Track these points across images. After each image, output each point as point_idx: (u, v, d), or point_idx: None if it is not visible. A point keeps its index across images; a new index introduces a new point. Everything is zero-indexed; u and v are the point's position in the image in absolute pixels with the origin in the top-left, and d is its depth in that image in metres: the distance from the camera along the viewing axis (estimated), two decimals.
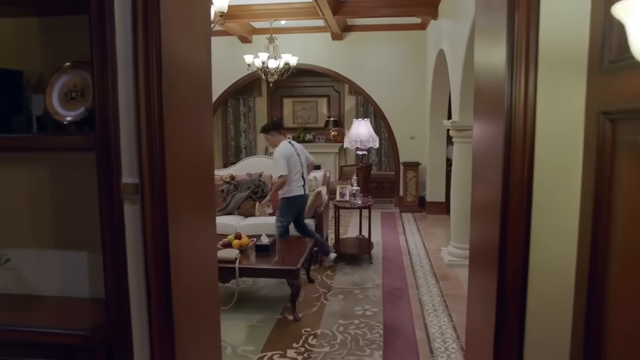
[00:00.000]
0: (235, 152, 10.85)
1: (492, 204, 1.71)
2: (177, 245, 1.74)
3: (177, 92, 1.72)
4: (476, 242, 2.11)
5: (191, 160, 1.87)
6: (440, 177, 7.98)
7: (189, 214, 1.86)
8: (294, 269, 3.67)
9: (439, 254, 5.58)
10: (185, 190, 1.83)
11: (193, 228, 1.90)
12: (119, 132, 1.62)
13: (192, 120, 1.89)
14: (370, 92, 8.56)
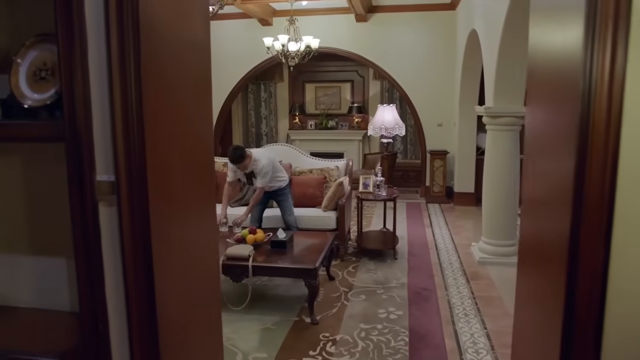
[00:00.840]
0: (256, 139, 10.59)
1: (556, 197, 1.37)
2: (164, 251, 1.46)
3: (162, 71, 1.42)
4: (530, 238, 1.75)
5: (183, 152, 1.57)
6: (469, 166, 7.56)
7: (180, 213, 1.57)
8: (311, 269, 3.37)
9: (469, 250, 5.21)
10: (175, 187, 1.53)
11: (185, 229, 1.61)
12: (91, 119, 1.33)
13: (185, 105, 1.58)
14: (396, 77, 8.14)
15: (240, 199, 5.31)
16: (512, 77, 4.42)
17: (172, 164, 1.50)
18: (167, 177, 1.47)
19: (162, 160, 1.43)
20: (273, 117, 10.48)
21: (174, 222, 1.52)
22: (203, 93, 1.74)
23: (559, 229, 1.31)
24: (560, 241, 1.29)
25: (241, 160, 4.54)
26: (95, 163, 1.35)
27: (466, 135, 7.46)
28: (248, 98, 10.54)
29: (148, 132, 1.34)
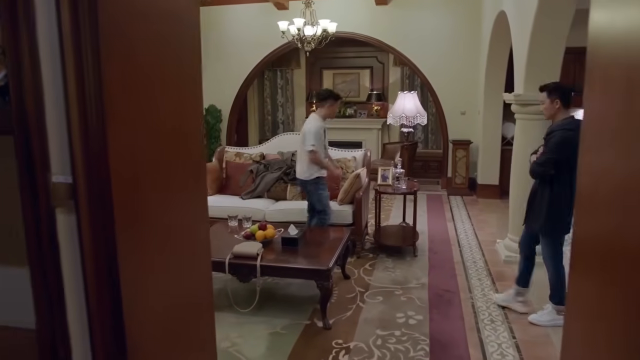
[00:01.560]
0: (272, 127, 10.34)
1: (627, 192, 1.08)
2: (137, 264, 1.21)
3: (129, 48, 1.16)
4: (593, 240, 1.46)
5: (162, 147, 1.32)
6: (494, 157, 7.19)
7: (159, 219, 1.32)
8: (324, 270, 3.11)
9: (494, 247, 4.89)
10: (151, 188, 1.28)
11: (167, 237, 1.36)
12: (43, 107, 1.08)
13: (164, 91, 1.32)
14: (417, 63, 7.77)
15: (252, 190, 5.07)
16: (546, 62, 4.04)
17: (147, 163, 1.25)
18: (139, 177, 1.21)
19: (132, 159, 1.17)
20: (290, 105, 10.20)
21: (149, 229, 1.27)
22: (189, 76, 1.47)
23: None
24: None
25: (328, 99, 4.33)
26: (50, 161, 1.10)
27: (491, 124, 7.07)
28: (264, 85, 10.27)
29: (112, 125, 1.08)
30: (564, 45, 4.02)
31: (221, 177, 5.40)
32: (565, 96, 3.18)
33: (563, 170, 3.08)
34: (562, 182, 3.12)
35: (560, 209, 3.13)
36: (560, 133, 3.08)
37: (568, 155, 2.98)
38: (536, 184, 3.30)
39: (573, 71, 6.75)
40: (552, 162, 3.07)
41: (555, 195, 3.13)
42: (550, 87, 3.22)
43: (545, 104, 3.23)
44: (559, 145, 3.05)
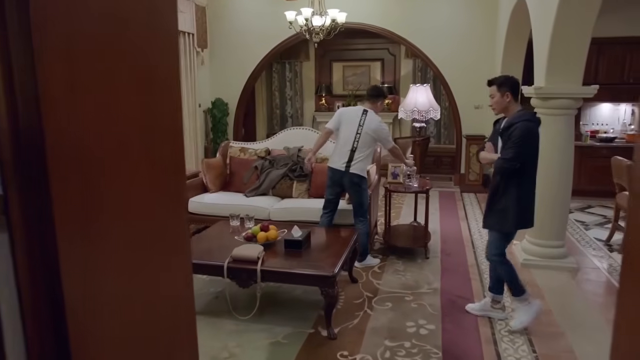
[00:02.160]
0: (281, 121, 10.12)
1: None
2: (89, 291, 1.00)
3: (72, 44, 0.93)
4: None
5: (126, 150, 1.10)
6: None
7: (118, 237, 1.10)
8: (329, 276, 2.89)
9: (510, 249, 4.63)
10: (110, 199, 1.06)
11: (130, 262, 1.14)
12: None
13: (128, 79, 1.10)
14: (430, 55, 7.47)
15: (256, 187, 4.86)
16: (570, 52, 3.76)
17: (108, 164, 1.03)
18: (92, 187, 0.99)
19: (82, 165, 0.95)
20: (298, 98, 9.96)
21: (106, 251, 1.06)
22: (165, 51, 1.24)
23: None
24: None
25: (380, 97, 4.22)
26: None
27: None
28: (272, 78, 10.05)
29: (53, 122, 0.87)
30: (590, 34, 3.73)
31: (225, 173, 5.20)
32: (515, 89, 3.06)
33: (527, 164, 2.96)
34: (527, 176, 3.00)
35: (528, 205, 3.05)
36: (522, 124, 2.91)
37: (533, 146, 2.93)
38: (497, 182, 3.10)
39: (595, 63, 6.44)
40: (521, 156, 2.92)
41: (523, 192, 3.01)
42: (499, 80, 3.09)
43: (495, 98, 3.07)
44: (523, 137, 2.89)
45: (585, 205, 6.35)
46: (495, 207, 3.10)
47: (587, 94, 3.91)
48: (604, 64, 6.65)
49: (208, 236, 3.76)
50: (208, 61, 8.08)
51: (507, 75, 3.16)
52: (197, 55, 7.61)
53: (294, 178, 4.83)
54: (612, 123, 7.10)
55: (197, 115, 7.61)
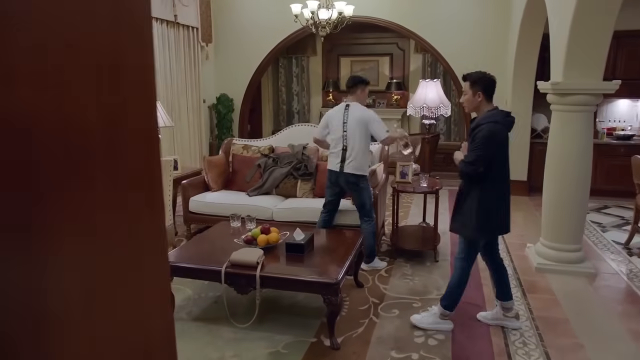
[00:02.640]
0: (287, 117, 9.96)
1: None
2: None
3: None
4: None
5: (73, 157, 0.93)
6: (522, 151, 6.69)
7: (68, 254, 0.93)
8: (332, 284, 2.73)
9: (523, 252, 4.44)
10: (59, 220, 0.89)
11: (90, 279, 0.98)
12: None
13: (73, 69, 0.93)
14: (440, 49, 7.25)
15: (259, 187, 4.71)
16: (591, 45, 3.55)
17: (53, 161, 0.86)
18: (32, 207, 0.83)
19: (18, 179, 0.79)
20: (305, 94, 9.79)
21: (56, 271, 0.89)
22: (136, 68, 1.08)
23: None
24: None
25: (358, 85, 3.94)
26: None
27: (519, 115, 6.50)
28: (279, 73, 9.88)
29: None
30: (613, 26, 3.51)
31: (227, 171, 5.05)
32: (488, 89, 2.86)
33: (492, 167, 2.79)
34: (492, 180, 2.83)
35: (490, 211, 2.85)
36: (487, 126, 2.75)
37: (496, 150, 2.77)
38: (463, 184, 2.96)
39: (613, 57, 6.19)
40: (482, 159, 2.74)
41: (486, 197, 2.83)
42: (473, 77, 2.88)
43: (467, 96, 2.90)
44: (486, 140, 2.73)
45: (601, 206, 6.12)
46: (459, 211, 2.96)
47: (608, 89, 3.70)
48: (622, 58, 6.40)
49: (207, 238, 3.61)
50: (213, 56, 7.92)
51: (482, 72, 2.94)
52: (202, 49, 7.46)
53: (298, 177, 4.67)
54: (630, 120, 6.85)
55: (201, 111, 7.46)
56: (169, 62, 6.59)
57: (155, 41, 6.25)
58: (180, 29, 6.82)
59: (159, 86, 6.36)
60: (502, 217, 2.93)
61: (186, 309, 3.34)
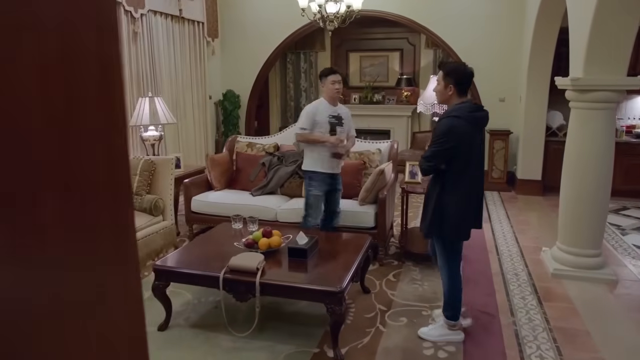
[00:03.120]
0: (295, 114, 9.77)
1: None
2: None
3: None
4: None
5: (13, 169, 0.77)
6: (536, 149, 6.46)
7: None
8: (335, 292, 2.57)
9: (538, 256, 4.24)
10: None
11: None
12: None
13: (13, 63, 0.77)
14: (452, 44, 7.03)
15: (264, 186, 4.55)
16: (614, 39, 3.33)
17: None
18: None
19: None
20: (313, 90, 9.60)
21: None
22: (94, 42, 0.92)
23: None
24: None
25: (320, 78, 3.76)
26: None
27: (534, 112, 6.33)
28: (287, 69, 9.71)
29: None
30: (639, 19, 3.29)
31: (231, 170, 4.90)
32: (462, 82, 2.69)
33: (452, 165, 2.64)
34: (454, 179, 2.67)
35: (449, 208, 2.68)
36: (446, 121, 2.64)
37: (454, 146, 2.59)
38: (430, 184, 2.83)
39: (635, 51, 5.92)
40: (440, 155, 2.61)
41: (445, 193, 2.67)
42: (447, 68, 2.72)
43: (439, 86, 2.74)
44: (443, 135, 2.61)
45: (619, 207, 5.88)
46: (425, 209, 2.84)
47: (632, 85, 3.49)
48: None
49: (206, 240, 3.47)
50: (219, 51, 7.77)
51: (458, 64, 2.79)
52: (208, 45, 7.32)
53: (303, 176, 4.50)
54: None
55: (207, 107, 7.33)
56: (174, 58, 6.46)
57: (160, 36, 6.12)
58: (185, 24, 6.68)
59: (164, 82, 6.23)
60: (463, 219, 2.73)
61: (184, 314, 3.20)
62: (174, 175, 4.44)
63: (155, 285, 2.95)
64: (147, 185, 4.25)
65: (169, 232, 4.36)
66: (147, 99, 4.94)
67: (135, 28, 5.60)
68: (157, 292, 2.95)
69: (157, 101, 4.98)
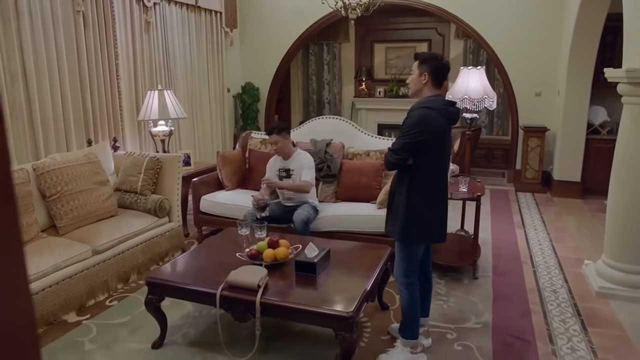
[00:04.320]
0: (317, 107, 9.44)
1: None
2: None
3: None
4: None
5: None
6: (576, 148, 5.95)
7: None
8: (345, 317, 2.22)
9: (579, 269, 3.80)
10: None
11: None
12: None
13: None
14: (484, 34, 6.54)
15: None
16: None
17: None
18: None
19: None
20: (337, 83, 9.23)
21: None
22: None
23: None
24: None
25: (281, 132, 3.67)
26: None
27: (574, 108, 5.82)
28: (309, 60, 9.35)
29: None
30: None
31: (243, 168, 4.60)
32: (437, 72, 2.46)
33: (422, 160, 2.40)
34: (421, 176, 2.42)
35: (419, 213, 2.42)
36: (418, 112, 2.39)
37: (426, 139, 2.34)
38: (394, 180, 2.53)
39: None
40: (408, 149, 2.37)
41: (414, 195, 2.42)
42: (422, 57, 2.51)
43: (413, 75, 2.52)
44: (414, 126, 2.36)
45: None
46: (390, 211, 2.55)
47: None
48: None
49: (208, 249, 3.17)
50: (238, 42, 7.47)
51: (435, 54, 2.57)
52: (226, 35, 7.03)
53: (319, 178, 4.16)
54: None
55: (224, 100, 7.05)
56: (190, 49, 6.18)
57: (174, 26, 5.85)
58: (202, 14, 6.39)
59: (178, 74, 5.96)
60: (431, 220, 2.46)
61: (182, 329, 2.91)
62: (181, 174, 4.16)
63: (148, 299, 2.66)
64: (152, 185, 3.99)
65: (175, 234, 4.09)
66: (157, 92, 4.67)
67: (148, 17, 5.34)
68: (150, 306, 2.67)
69: (167, 94, 4.71)
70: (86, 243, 3.30)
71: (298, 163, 3.75)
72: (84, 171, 3.62)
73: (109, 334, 2.88)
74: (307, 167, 3.72)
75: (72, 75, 4.32)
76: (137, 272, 3.68)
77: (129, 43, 5.08)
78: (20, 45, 3.87)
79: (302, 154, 3.80)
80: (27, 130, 3.96)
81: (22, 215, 3.16)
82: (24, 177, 3.23)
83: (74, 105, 4.35)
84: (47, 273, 2.98)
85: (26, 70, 3.93)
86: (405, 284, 2.53)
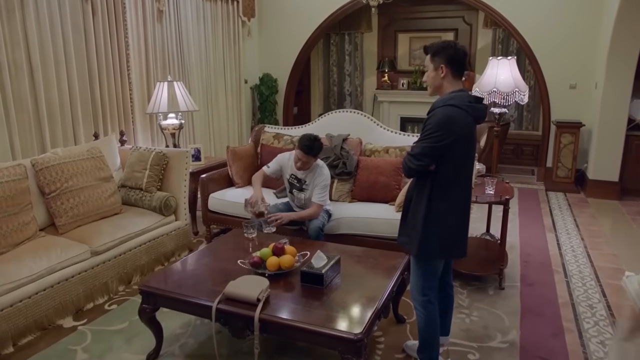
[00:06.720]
0: (338, 99, 9.16)
1: None
2: None
3: None
4: None
5: None
6: (614, 145, 5.54)
7: None
8: (352, 340, 1.96)
9: (618, 281, 3.46)
10: None
11: None
12: None
13: None
14: (516, 23, 6.14)
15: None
16: None
17: None
18: None
19: None
20: (358, 74, 8.92)
21: None
22: None
23: None
24: None
25: (317, 153, 3.34)
26: None
27: (613, 102, 5.40)
28: (330, 51, 9.05)
29: None
30: None
31: (255, 164, 4.36)
32: (454, 61, 2.12)
33: (446, 166, 2.08)
34: (444, 185, 2.10)
35: (440, 226, 2.13)
36: (442, 111, 2.05)
37: (451, 143, 2.03)
38: (412, 187, 2.24)
39: None
40: (430, 154, 2.05)
41: (435, 205, 2.11)
42: (433, 48, 2.16)
43: (428, 71, 2.19)
44: (438, 128, 2.03)
45: None
46: (405, 220, 2.23)
47: None
48: None
49: (210, 253, 2.95)
50: (256, 32, 7.23)
51: (445, 41, 2.17)
52: (243, 25, 6.80)
53: (334, 176, 3.89)
54: None
55: (241, 92, 6.83)
56: (205, 39, 5.97)
57: (188, 15, 5.64)
58: (218, 2, 6.17)
59: (193, 65, 5.76)
60: (454, 233, 2.18)
61: (181, 339, 2.71)
62: (189, 170, 3.96)
63: (142, 308, 2.46)
64: (157, 181, 3.80)
65: (182, 233, 3.90)
66: (166, 83, 4.47)
67: (160, 6, 5.13)
68: (144, 316, 2.47)
69: (177, 86, 4.51)
70: (85, 243, 3.13)
71: (313, 178, 3.41)
72: (86, 167, 3.45)
73: (104, 342, 2.70)
74: (321, 185, 3.37)
75: (80, 65, 4.15)
76: (140, 274, 3.50)
77: (140, 32, 4.89)
78: (25, 35, 3.71)
79: (320, 169, 3.43)
80: (33, 123, 3.81)
81: (18, 213, 3.00)
82: (21, 174, 3.06)
83: (82, 98, 4.19)
84: (42, 276, 2.81)
85: (31, 60, 3.77)
86: (422, 303, 2.26)
